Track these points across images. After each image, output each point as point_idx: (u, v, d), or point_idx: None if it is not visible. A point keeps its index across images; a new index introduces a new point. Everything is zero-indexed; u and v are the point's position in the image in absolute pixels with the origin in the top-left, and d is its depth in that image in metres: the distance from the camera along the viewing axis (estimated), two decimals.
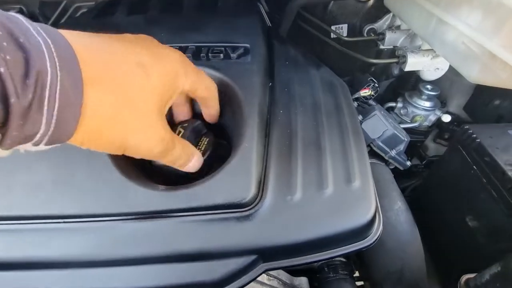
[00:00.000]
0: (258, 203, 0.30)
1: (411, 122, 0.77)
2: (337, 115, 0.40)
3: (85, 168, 0.30)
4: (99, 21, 0.49)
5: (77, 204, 0.28)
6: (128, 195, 0.28)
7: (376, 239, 0.33)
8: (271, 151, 0.34)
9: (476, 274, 0.30)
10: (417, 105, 0.76)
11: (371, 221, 0.32)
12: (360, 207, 0.32)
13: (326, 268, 0.47)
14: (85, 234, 0.27)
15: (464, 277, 0.31)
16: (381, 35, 0.56)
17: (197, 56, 0.40)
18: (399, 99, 0.79)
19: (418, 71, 0.73)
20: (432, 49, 0.49)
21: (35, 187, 0.29)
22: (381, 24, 0.60)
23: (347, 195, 0.32)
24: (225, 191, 0.29)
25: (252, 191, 0.30)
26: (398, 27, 0.55)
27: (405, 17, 0.46)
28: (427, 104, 0.75)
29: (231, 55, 0.40)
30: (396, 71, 0.75)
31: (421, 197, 0.64)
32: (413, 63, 0.49)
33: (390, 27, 0.56)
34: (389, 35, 0.55)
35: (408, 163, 0.62)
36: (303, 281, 0.46)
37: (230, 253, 0.28)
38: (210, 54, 0.40)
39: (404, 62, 0.49)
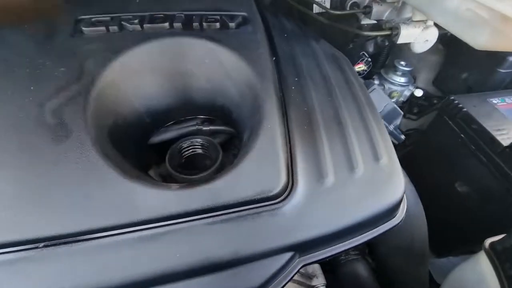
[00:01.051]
0: (290, 192, 0.26)
1: (389, 98, 0.78)
2: (349, 88, 0.37)
3: (67, 170, 0.23)
4: None
5: (62, 221, 0.21)
6: (135, 199, 0.22)
7: (404, 216, 0.32)
8: (293, 131, 0.30)
9: (503, 236, 0.30)
10: (393, 81, 0.77)
11: (402, 198, 0.30)
12: (392, 185, 0.30)
13: None
14: (85, 257, 0.20)
15: (488, 241, 0.31)
16: (367, 8, 0.54)
17: (188, 26, 0.34)
18: (375, 77, 0.80)
19: (387, 48, 0.75)
20: (422, 21, 0.49)
21: None
22: None
23: (378, 173, 0.29)
24: (251, 183, 0.25)
25: (282, 179, 0.26)
26: (383, 0, 0.53)
27: None
28: (402, 79, 0.77)
29: (229, 24, 0.34)
30: (371, 49, 0.75)
31: (407, 170, 0.66)
32: (405, 35, 0.48)
33: (374, 0, 0.54)
34: (375, 8, 0.53)
35: (403, 136, 0.63)
36: (316, 267, 0.44)
37: (265, 254, 0.24)
38: (204, 23, 0.34)
39: (397, 35, 0.48)
